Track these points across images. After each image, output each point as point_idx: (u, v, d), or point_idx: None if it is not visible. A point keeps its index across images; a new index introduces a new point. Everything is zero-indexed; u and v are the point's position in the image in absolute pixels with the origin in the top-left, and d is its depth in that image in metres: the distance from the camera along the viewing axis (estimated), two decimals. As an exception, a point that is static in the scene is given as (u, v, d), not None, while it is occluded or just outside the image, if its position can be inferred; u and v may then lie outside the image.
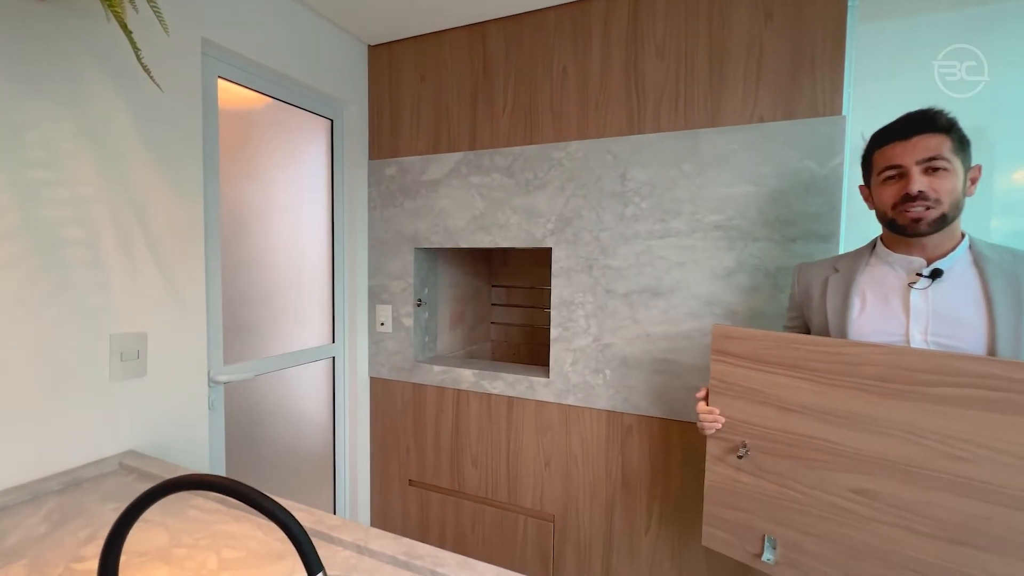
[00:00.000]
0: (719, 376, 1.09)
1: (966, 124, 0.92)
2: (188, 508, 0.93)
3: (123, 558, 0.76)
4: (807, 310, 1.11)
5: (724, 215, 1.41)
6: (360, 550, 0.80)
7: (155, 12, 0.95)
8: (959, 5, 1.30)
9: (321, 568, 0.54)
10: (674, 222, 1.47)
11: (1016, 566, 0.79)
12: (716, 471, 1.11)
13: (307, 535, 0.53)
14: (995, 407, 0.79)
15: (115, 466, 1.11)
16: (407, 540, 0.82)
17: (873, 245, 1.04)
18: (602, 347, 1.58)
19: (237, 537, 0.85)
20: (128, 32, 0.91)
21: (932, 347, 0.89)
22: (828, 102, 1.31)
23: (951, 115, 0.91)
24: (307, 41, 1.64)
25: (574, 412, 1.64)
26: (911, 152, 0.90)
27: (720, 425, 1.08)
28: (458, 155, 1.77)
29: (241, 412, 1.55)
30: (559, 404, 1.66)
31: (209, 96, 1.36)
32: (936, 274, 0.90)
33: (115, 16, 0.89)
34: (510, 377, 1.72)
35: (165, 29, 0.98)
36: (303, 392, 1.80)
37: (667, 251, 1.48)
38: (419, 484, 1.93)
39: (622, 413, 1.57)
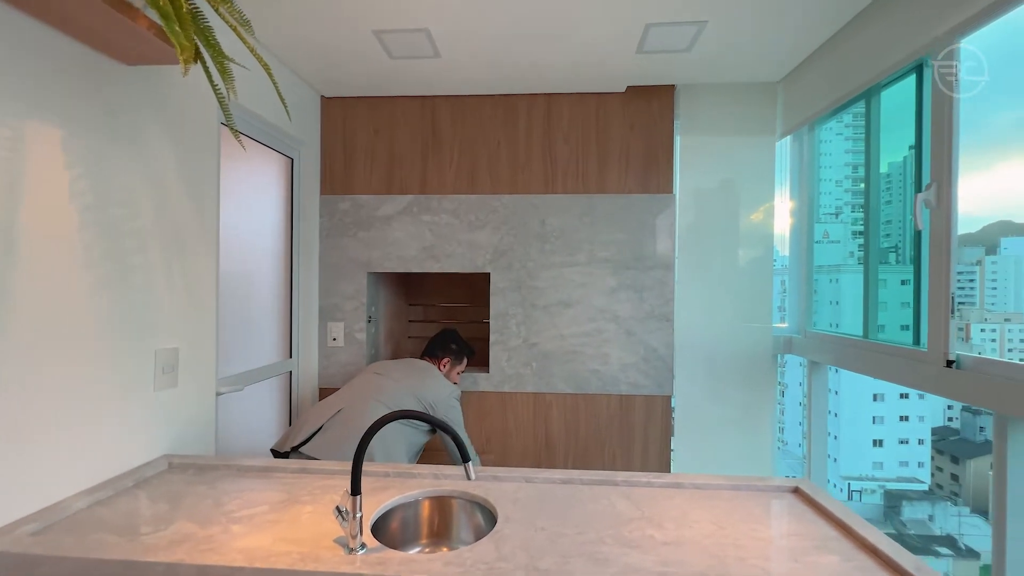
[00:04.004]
0: None
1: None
2: (253, 483, 1.20)
3: (248, 511, 1.04)
4: None
5: (609, 252, 2.12)
6: (436, 477, 1.20)
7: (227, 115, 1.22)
8: (728, 134, 2.24)
9: (469, 458, 0.99)
10: (578, 255, 2.13)
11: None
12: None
13: (462, 441, 0.97)
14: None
15: (165, 465, 1.26)
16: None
17: None
18: (529, 346, 2.14)
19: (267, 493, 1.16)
20: (227, 111, 1.17)
21: None
22: (665, 184, 2.13)
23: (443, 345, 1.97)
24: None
25: (508, 397, 2.16)
26: None
27: None
28: (410, 197, 2.18)
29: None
30: (497, 392, 2.16)
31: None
32: None
33: (218, 99, 1.16)
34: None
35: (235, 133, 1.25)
36: (262, 403, 1.95)
37: (574, 275, 2.13)
38: (370, 477, 2.20)
39: (544, 393, 2.15)
